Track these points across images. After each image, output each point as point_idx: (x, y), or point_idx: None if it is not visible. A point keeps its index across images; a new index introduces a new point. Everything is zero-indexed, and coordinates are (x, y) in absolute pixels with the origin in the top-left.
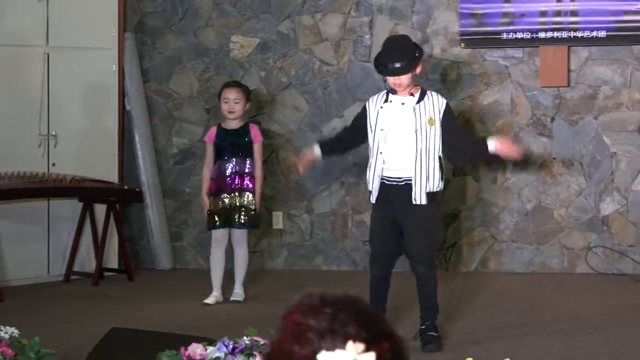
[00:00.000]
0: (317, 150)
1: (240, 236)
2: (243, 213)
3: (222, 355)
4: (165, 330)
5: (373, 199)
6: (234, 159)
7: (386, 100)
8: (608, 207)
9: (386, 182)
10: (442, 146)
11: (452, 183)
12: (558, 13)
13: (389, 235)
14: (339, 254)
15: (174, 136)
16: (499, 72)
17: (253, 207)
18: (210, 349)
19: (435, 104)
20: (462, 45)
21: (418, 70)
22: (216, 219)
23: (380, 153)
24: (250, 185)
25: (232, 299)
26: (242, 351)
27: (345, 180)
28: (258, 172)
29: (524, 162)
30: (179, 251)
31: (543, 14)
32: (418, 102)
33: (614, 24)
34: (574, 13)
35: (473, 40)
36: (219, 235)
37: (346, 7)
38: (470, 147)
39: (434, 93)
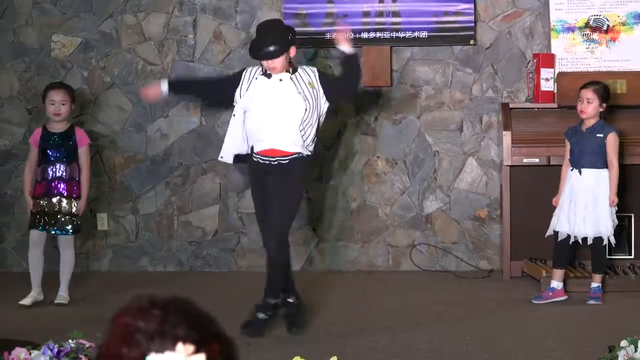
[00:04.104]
0: (164, 86)
1: (66, 239)
2: (66, 219)
3: (47, 359)
4: None
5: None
6: (58, 164)
7: (263, 74)
8: (431, 205)
9: (260, 161)
10: (329, 104)
11: None
12: (380, 14)
13: None
14: (165, 254)
15: None
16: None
17: (77, 212)
18: (34, 353)
19: (309, 73)
20: None
21: (292, 53)
22: (37, 219)
23: (251, 126)
24: (75, 190)
25: (56, 301)
26: (67, 354)
27: (170, 180)
28: (84, 177)
29: (348, 159)
30: (1, 254)
31: (366, 14)
32: (293, 73)
33: (435, 25)
34: (395, 14)
35: (297, 40)
36: (35, 236)
37: (169, 6)
38: (346, 77)
39: (304, 66)
